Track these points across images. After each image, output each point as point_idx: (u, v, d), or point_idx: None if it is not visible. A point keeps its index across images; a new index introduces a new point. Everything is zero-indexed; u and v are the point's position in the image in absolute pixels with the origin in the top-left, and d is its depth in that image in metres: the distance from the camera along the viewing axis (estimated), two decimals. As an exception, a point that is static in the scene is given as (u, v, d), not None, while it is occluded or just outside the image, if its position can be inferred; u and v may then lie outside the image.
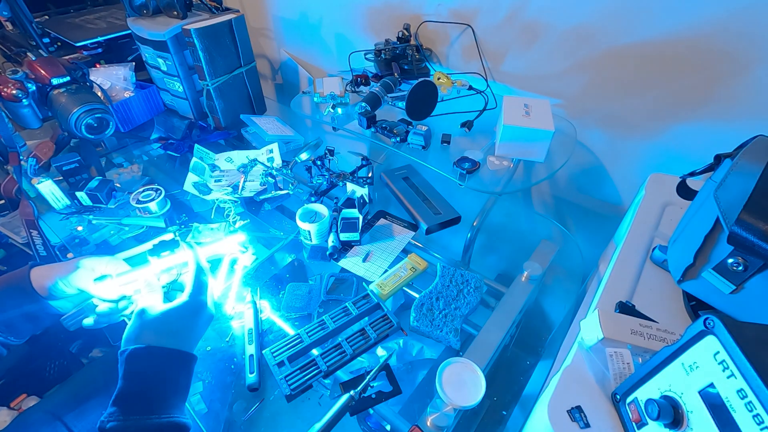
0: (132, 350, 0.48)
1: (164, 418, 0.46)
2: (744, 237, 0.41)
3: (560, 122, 0.86)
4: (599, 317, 0.46)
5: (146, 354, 0.49)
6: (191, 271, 0.57)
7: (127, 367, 0.48)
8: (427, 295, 0.71)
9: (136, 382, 0.47)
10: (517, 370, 0.67)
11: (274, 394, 0.62)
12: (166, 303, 0.54)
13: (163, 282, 0.60)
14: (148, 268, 0.59)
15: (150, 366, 0.49)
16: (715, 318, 0.33)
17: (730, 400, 0.31)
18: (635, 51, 0.80)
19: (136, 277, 0.59)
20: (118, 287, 0.58)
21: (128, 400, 0.46)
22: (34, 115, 0.92)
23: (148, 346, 0.49)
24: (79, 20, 1.33)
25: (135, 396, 0.46)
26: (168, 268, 0.61)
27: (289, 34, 1.45)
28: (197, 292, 0.55)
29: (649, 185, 0.72)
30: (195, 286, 0.56)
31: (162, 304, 0.54)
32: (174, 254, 0.62)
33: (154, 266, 0.60)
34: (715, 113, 0.77)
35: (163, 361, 0.49)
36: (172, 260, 0.61)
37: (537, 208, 1.15)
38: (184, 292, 0.55)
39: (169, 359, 0.50)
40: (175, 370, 0.50)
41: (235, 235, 0.75)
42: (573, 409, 0.44)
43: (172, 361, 0.50)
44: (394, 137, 0.88)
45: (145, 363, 0.48)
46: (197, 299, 0.55)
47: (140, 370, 0.48)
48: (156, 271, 0.59)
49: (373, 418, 0.62)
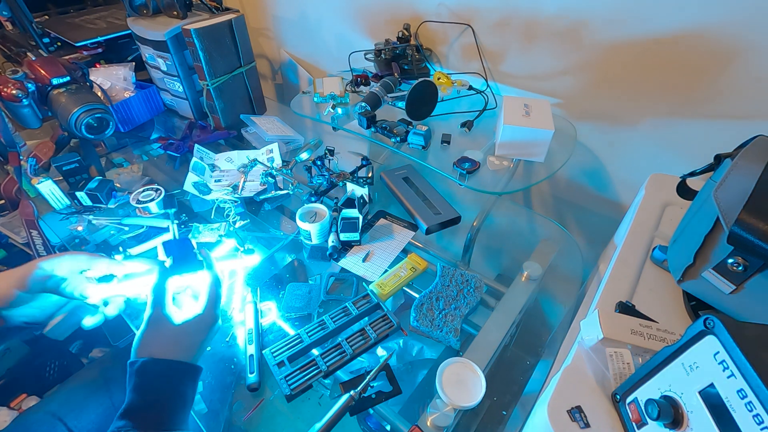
0: (144, 363, 0.47)
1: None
2: (744, 237, 0.41)
3: (560, 122, 0.86)
4: (599, 317, 0.46)
5: (159, 368, 0.47)
6: (208, 282, 0.56)
7: (138, 379, 0.46)
8: (427, 295, 0.71)
9: (148, 396, 0.46)
10: (517, 370, 0.67)
11: (274, 394, 0.62)
12: (177, 311, 0.52)
13: (177, 287, 0.57)
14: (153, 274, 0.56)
15: (162, 380, 0.47)
16: (715, 318, 0.33)
17: (730, 400, 0.31)
18: (636, 51, 0.80)
19: (141, 281, 0.57)
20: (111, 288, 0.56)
21: (139, 415, 0.44)
22: (34, 115, 0.92)
23: (162, 360, 0.48)
24: (79, 20, 1.33)
25: (146, 410, 0.45)
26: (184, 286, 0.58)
27: (289, 34, 1.45)
28: (213, 305, 0.54)
29: (649, 185, 0.72)
30: (212, 299, 0.54)
31: (179, 314, 0.52)
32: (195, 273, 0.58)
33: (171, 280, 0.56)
34: (716, 113, 0.77)
35: (174, 375, 0.48)
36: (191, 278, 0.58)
37: (537, 208, 1.15)
38: (199, 303, 0.54)
39: (180, 373, 0.49)
40: (185, 383, 0.49)
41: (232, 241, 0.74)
42: (573, 409, 0.44)
43: (183, 375, 0.49)
44: (394, 137, 0.88)
45: (157, 377, 0.47)
46: (213, 313, 0.54)
47: (152, 384, 0.46)
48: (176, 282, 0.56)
49: (373, 418, 0.62)
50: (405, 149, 0.89)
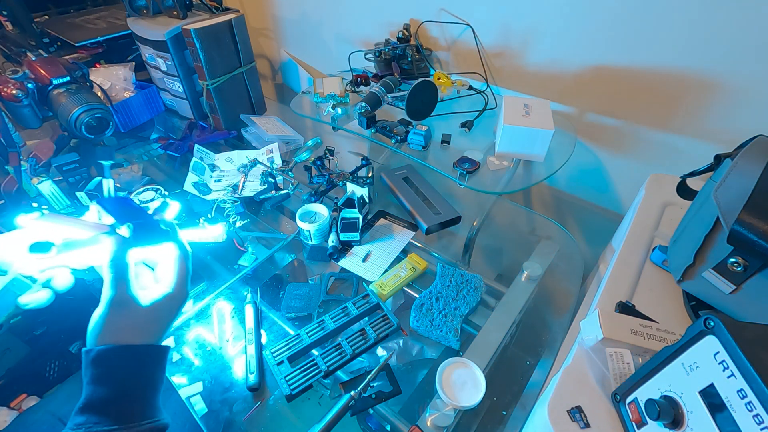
0: (101, 351, 0.41)
1: (144, 424, 0.40)
2: (744, 237, 0.42)
3: (560, 122, 0.86)
4: (599, 317, 0.46)
5: (120, 354, 0.41)
6: (174, 256, 0.48)
7: (95, 369, 0.40)
8: (427, 295, 0.71)
9: (110, 386, 0.40)
10: (517, 370, 0.67)
11: (274, 394, 0.62)
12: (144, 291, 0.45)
13: (135, 261, 0.48)
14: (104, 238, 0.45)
15: (124, 367, 0.42)
16: (715, 318, 0.33)
17: (730, 400, 0.31)
18: (636, 50, 0.80)
19: (87, 252, 0.46)
20: (48, 260, 0.45)
21: (101, 408, 0.39)
22: (34, 115, 0.92)
23: (131, 346, 0.42)
24: (79, 20, 1.33)
25: (109, 403, 0.40)
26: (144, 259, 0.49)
27: (289, 34, 1.45)
28: (183, 281, 0.48)
29: (649, 185, 0.72)
30: (181, 275, 0.48)
31: (145, 293, 0.45)
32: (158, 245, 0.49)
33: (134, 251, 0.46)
34: (716, 113, 0.77)
35: (139, 360, 0.43)
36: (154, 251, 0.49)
37: (537, 208, 1.15)
38: (167, 280, 0.47)
39: (145, 357, 0.43)
40: (151, 367, 0.44)
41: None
42: (573, 409, 0.44)
43: (149, 359, 0.44)
44: (394, 137, 0.88)
45: (119, 364, 0.41)
46: (183, 290, 0.48)
47: (113, 373, 0.41)
48: (136, 255, 0.47)
49: (373, 418, 0.62)
50: (405, 149, 0.89)
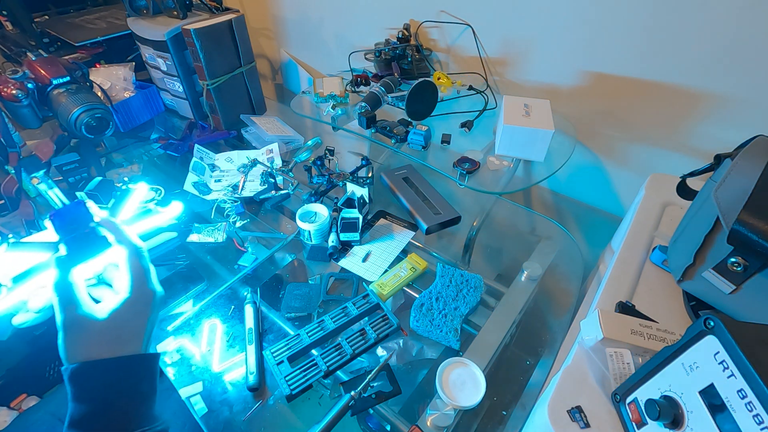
0: (74, 369, 0.40)
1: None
2: (744, 237, 0.42)
3: (560, 122, 0.86)
4: (599, 317, 0.46)
5: (92, 370, 0.40)
6: (124, 257, 0.46)
7: (73, 387, 0.40)
8: (427, 295, 0.71)
9: (91, 402, 0.40)
10: (517, 370, 0.67)
11: (274, 394, 0.62)
12: (97, 305, 0.43)
13: (86, 276, 0.46)
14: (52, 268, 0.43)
15: (102, 382, 0.41)
16: (715, 318, 0.33)
17: (730, 400, 0.31)
18: (636, 49, 0.80)
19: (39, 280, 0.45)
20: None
21: (87, 424, 0.39)
22: (34, 115, 0.92)
23: (102, 361, 0.41)
24: (79, 20, 1.33)
25: (93, 418, 0.39)
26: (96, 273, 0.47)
27: (289, 34, 1.45)
28: (141, 280, 0.45)
29: (649, 185, 0.72)
30: (137, 275, 0.45)
31: (100, 306, 0.43)
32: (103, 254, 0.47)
33: (79, 268, 0.45)
34: (716, 113, 0.77)
35: (116, 373, 0.41)
36: (102, 260, 0.47)
37: (537, 208, 1.15)
38: (123, 285, 0.45)
39: (124, 369, 0.42)
40: (134, 378, 0.42)
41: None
42: (573, 409, 0.44)
43: (129, 370, 0.42)
44: (394, 137, 0.88)
45: (95, 380, 0.40)
46: (144, 289, 0.45)
47: (92, 388, 0.40)
48: (82, 272, 0.45)
49: (373, 418, 0.62)
50: (405, 149, 0.89)
